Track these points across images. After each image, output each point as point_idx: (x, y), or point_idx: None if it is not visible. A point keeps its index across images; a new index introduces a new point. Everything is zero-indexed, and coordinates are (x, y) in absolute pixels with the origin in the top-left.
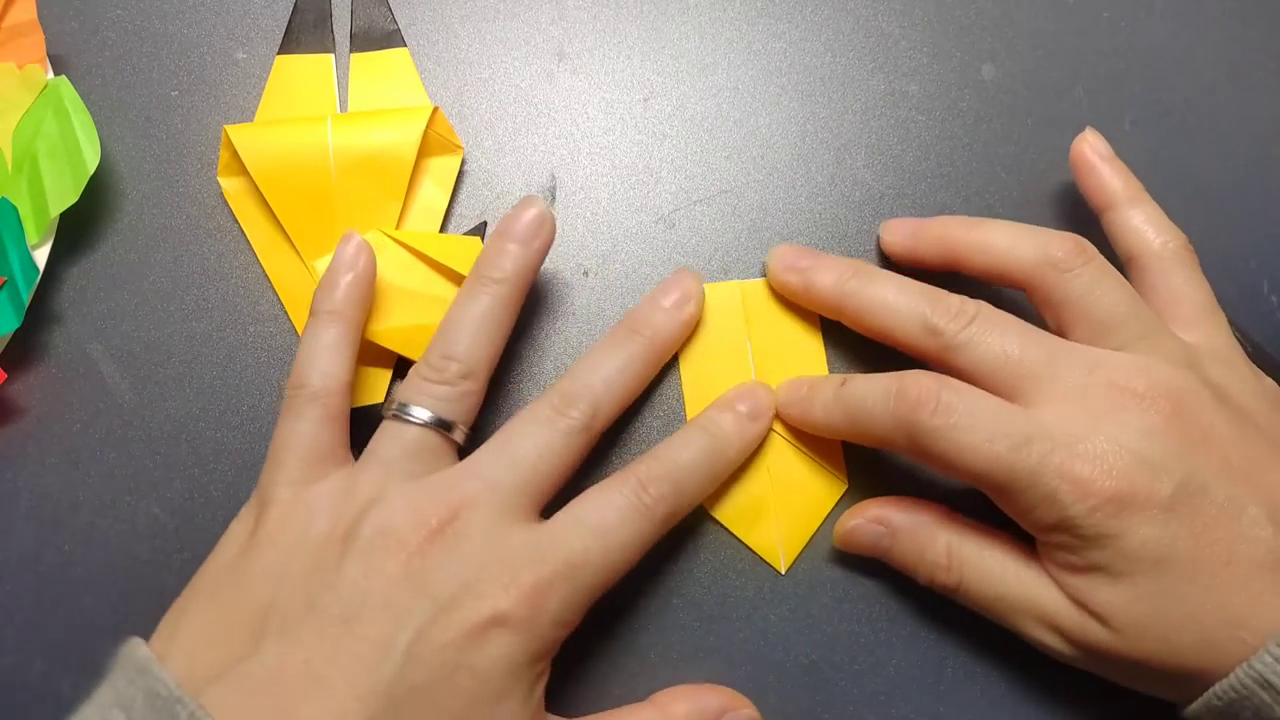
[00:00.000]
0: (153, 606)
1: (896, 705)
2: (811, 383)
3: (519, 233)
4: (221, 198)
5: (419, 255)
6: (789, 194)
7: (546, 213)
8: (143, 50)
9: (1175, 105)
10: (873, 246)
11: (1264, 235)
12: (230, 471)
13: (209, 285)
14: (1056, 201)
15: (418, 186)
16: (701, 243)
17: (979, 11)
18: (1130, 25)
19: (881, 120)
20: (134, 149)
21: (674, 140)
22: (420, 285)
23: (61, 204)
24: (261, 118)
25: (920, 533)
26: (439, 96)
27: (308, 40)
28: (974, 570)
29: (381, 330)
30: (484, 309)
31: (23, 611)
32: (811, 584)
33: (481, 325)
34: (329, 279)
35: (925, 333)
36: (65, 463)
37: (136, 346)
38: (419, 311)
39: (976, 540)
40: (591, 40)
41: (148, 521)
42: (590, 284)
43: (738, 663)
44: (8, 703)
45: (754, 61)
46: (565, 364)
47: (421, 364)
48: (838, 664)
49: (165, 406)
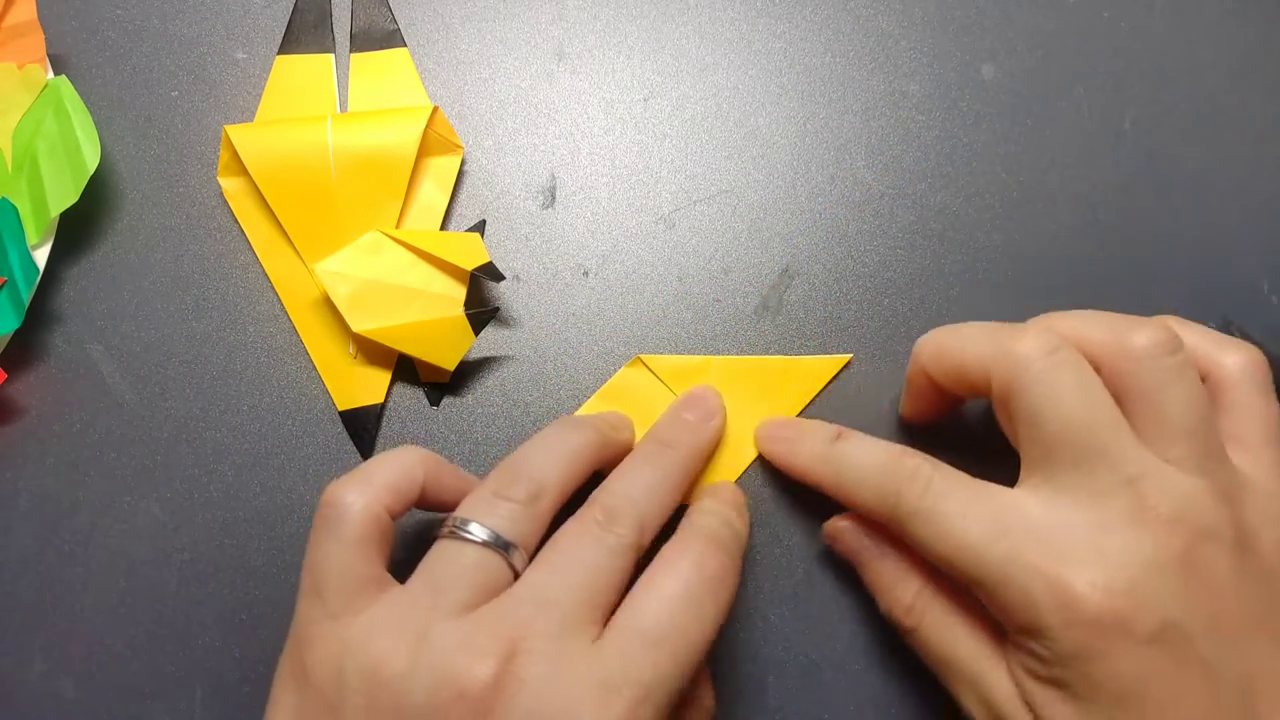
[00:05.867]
0: (153, 606)
1: (896, 705)
2: (800, 426)
3: (612, 418)
4: (221, 198)
5: (419, 253)
6: (789, 194)
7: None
8: (143, 50)
9: (1175, 105)
10: (872, 246)
11: (1264, 235)
12: (230, 471)
13: (209, 285)
14: (1056, 201)
15: (418, 186)
16: (701, 243)
17: (979, 11)
18: (1130, 25)
19: (881, 120)
20: (134, 149)
21: (674, 140)
22: (422, 283)
23: (61, 204)
24: (261, 118)
25: (899, 569)
26: (439, 96)
27: (308, 40)
28: (934, 626)
29: (383, 329)
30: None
31: (22, 611)
32: (811, 584)
33: (561, 451)
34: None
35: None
36: (65, 463)
37: (136, 346)
38: (421, 309)
39: (950, 600)
40: (591, 40)
41: (148, 521)
42: (590, 284)
43: (738, 663)
44: (8, 703)
45: (754, 61)
46: (565, 365)
47: (487, 482)
48: (838, 664)
49: (165, 406)
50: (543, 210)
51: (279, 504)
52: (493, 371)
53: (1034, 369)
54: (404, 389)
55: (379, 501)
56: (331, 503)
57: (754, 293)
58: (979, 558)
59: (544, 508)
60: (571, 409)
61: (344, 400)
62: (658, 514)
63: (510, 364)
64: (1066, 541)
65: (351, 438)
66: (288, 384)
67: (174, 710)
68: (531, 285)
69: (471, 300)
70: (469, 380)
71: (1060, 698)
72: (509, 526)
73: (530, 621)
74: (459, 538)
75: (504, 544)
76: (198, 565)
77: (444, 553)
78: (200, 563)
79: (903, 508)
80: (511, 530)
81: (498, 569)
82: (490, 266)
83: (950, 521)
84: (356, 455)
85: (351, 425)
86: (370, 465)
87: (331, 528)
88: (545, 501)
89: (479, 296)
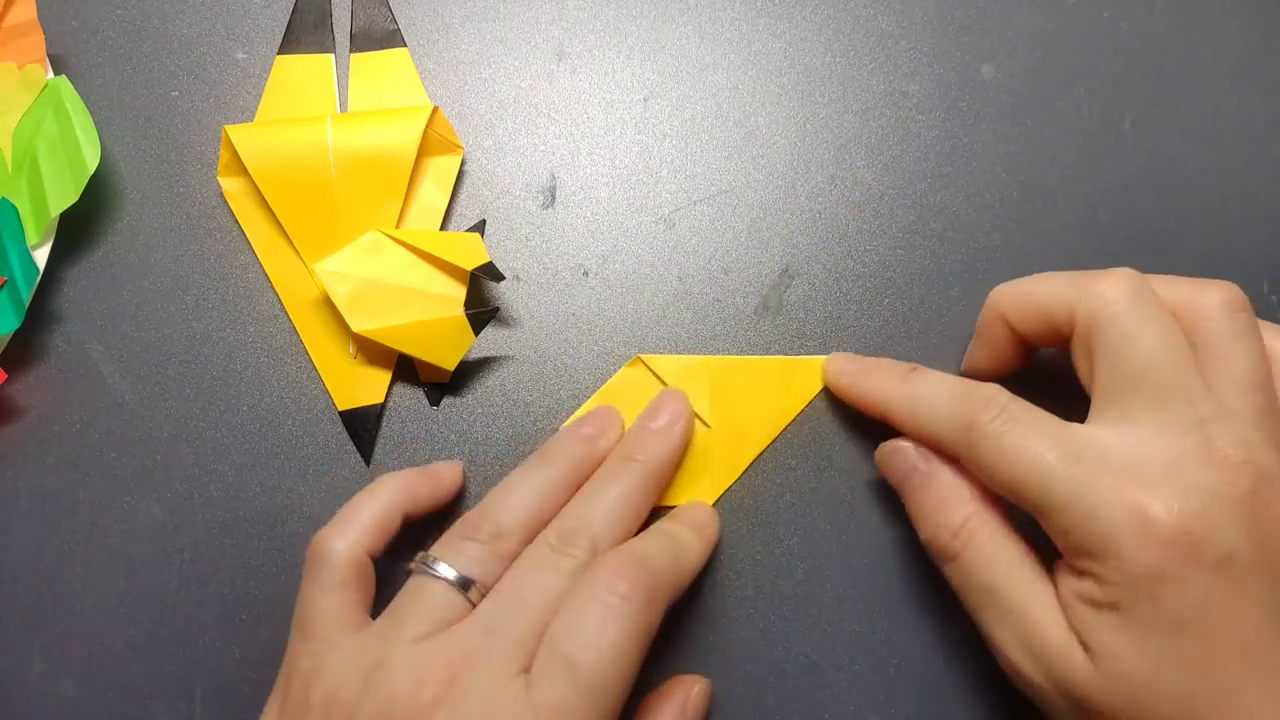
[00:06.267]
0: (153, 606)
1: (896, 705)
2: (872, 360)
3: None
4: (221, 198)
5: (419, 253)
6: (789, 194)
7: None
8: (143, 50)
9: (1175, 105)
10: (872, 246)
11: (1264, 235)
12: (230, 471)
13: (209, 285)
14: (1056, 201)
15: (417, 186)
16: (701, 243)
17: (979, 11)
18: (1130, 25)
19: (881, 120)
20: (134, 149)
21: (674, 140)
22: (422, 283)
23: (61, 204)
24: (261, 118)
25: (950, 493)
26: (439, 96)
27: (308, 40)
28: (979, 552)
29: (383, 329)
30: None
31: (22, 611)
32: (811, 584)
33: (525, 494)
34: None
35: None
36: (65, 463)
37: (136, 346)
38: (421, 309)
39: (998, 527)
40: (591, 40)
41: (148, 521)
42: (590, 284)
43: (738, 663)
44: (8, 703)
45: (754, 61)
46: (565, 365)
47: (456, 525)
48: (838, 664)
49: (165, 406)
50: (543, 210)
51: (279, 504)
52: (493, 371)
53: (1120, 305)
54: (404, 389)
55: (360, 546)
56: (317, 551)
57: (754, 293)
58: (1050, 481)
59: (507, 546)
60: (571, 409)
61: (344, 400)
62: (615, 533)
63: (510, 364)
64: (1140, 468)
65: (351, 438)
66: (288, 384)
67: (174, 710)
68: (531, 285)
69: (471, 300)
70: (469, 380)
71: (1117, 623)
72: (471, 565)
73: (475, 649)
74: (424, 573)
75: (464, 581)
76: (198, 565)
77: (410, 590)
78: (200, 563)
79: (975, 432)
80: (473, 568)
81: (456, 603)
82: (490, 266)
83: (1024, 445)
84: (356, 455)
85: (351, 425)
86: (351, 510)
87: (317, 574)
88: (508, 540)
89: (479, 296)
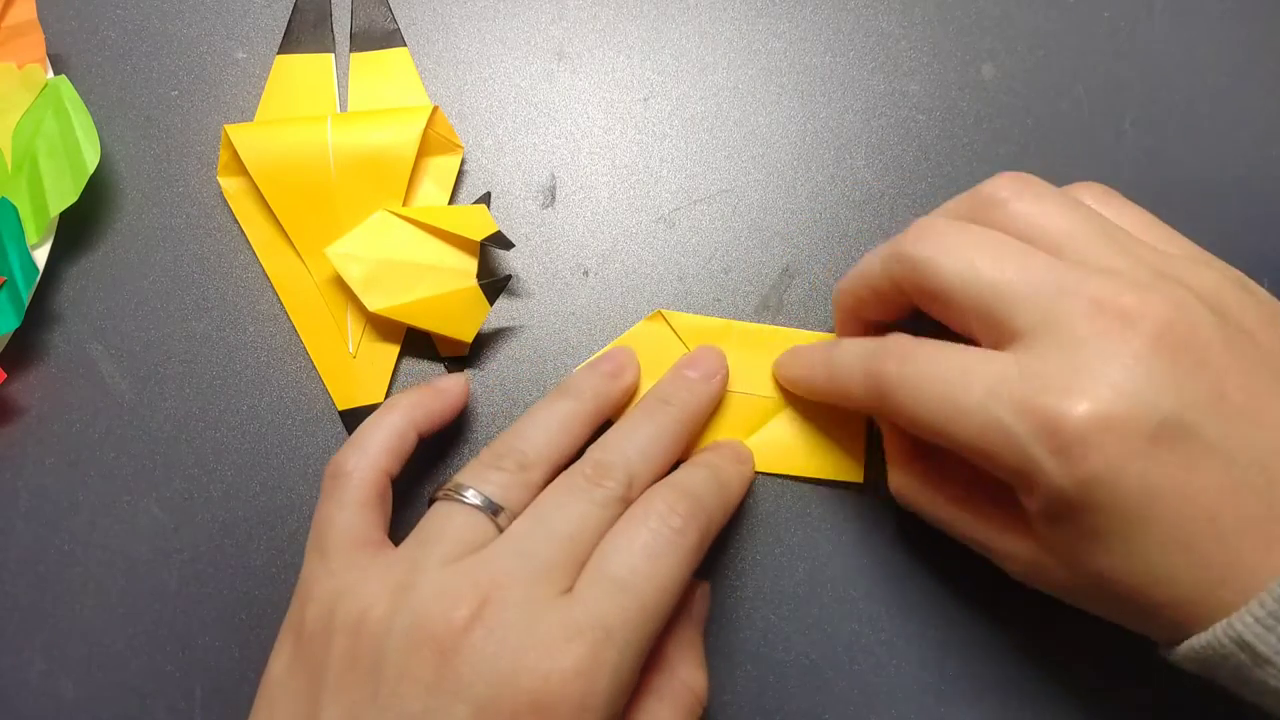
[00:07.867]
0: (153, 606)
1: (896, 705)
2: (799, 346)
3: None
4: (221, 198)
5: (428, 229)
6: (789, 194)
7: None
8: (143, 50)
9: (1175, 105)
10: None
11: (1264, 235)
12: (230, 471)
13: (209, 285)
14: None
15: (417, 186)
16: (701, 242)
17: (979, 11)
18: (1130, 25)
19: (881, 120)
20: (134, 149)
21: (674, 140)
22: (433, 258)
23: (61, 204)
24: (261, 117)
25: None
26: (439, 96)
27: (308, 40)
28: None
29: (399, 306)
30: (558, 411)
31: (22, 611)
32: (811, 584)
33: (549, 423)
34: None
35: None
36: (65, 463)
37: (136, 346)
38: (435, 283)
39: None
40: (591, 40)
41: (148, 521)
42: (590, 284)
43: (738, 663)
44: (8, 703)
45: (754, 61)
46: (565, 365)
47: (483, 453)
48: (838, 664)
49: (165, 406)
50: (543, 210)
51: (279, 504)
52: (493, 371)
53: (930, 257)
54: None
55: (376, 466)
56: (334, 471)
57: (754, 293)
58: (957, 409)
59: (534, 476)
60: None
61: (344, 400)
62: (650, 469)
63: (510, 363)
64: (1039, 374)
65: None
66: (288, 384)
67: (174, 710)
68: (531, 285)
69: (484, 270)
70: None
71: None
72: (498, 492)
73: (508, 570)
74: (451, 499)
75: (493, 507)
76: (198, 565)
77: (435, 514)
78: (200, 563)
79: (884, 384)
80: (500, 495)
81: (484, 528)
82: (499, 235)
83: (928, 391)
84: None
85: (351, 425)
86: (365, 433)
87: (335, 493)
88: (535, 470)
89: (490, 267)
